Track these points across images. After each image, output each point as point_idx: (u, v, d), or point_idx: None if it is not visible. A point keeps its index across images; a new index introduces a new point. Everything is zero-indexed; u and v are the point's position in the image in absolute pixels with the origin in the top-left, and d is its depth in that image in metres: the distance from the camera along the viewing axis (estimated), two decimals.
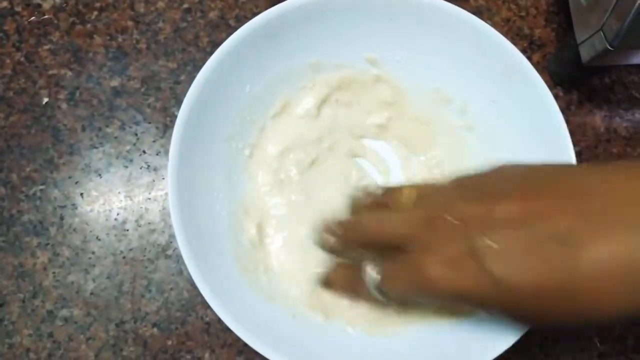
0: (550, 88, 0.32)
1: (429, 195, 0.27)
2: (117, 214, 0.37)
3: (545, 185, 0.24)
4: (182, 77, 0.39)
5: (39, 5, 0.40)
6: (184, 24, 0.40)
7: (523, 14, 0.42)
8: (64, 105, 0.39)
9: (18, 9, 0.40)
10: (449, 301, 0.25)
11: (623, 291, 0.21)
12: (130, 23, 0.40)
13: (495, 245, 0.22)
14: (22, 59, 0.39)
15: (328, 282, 0.31)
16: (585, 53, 0.35)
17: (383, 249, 0.27)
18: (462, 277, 0.23)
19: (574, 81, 0.40)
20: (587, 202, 0.22)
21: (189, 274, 0.35)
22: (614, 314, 0.22)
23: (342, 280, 0.31)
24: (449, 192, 0.26)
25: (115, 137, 0.38)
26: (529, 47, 0.41)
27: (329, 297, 0.32)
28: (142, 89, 0.39)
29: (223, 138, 0.33)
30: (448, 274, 0.23)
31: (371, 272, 0.27)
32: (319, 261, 0.33)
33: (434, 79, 0.35)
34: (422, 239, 0.25)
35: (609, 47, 0.32)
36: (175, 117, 0.38)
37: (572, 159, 0.31)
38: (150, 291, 0.36)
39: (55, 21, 0.40)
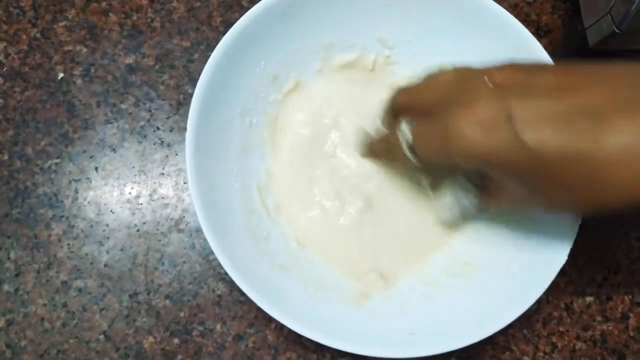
0: None
1: (465, 68, 0.27)
2: (131, 188, 0.38)
3: (582, 68, 0.24)
4: (196, 56, 0.40)
5: None
6: (198, 4, 0.41)
7: (530, 0, 0.43)
8: (79, 81, 0.39)
9: None
10: (474, 163, 0.24)
11: (632, 178, 0.22)
12: (144, 2, 0.41)
13: (530, 112, 0.23)
14: (38, 35, 0.40)
15: (369, 150, 0.34)
16: (593, 37, 0.36)
17: (421, 113, 0.28)
18: (492, 138, 0.23)
19: None
20: (619, 87, 0.23)
21: (201, 247, 0.37)
22: (626, 195, 0.22)
23: (381, 146, 0.33)
24: (484, 67, 0.26)
25: (130, 113, 0.39)
26: (536, 33, 0.42)
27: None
28: (156, 67, 0.40)
29: (237, 113, 0.34)
30: (478, 132, 0.23)
31: (405, 130, 0.28)
32: (335, 236, 0.34)
33: (444, 60, 0.36)
34: (457, 97, 0.25)
35: (617, 30, 0.33)
36: (189, 94, 0.39)
37: None
38: (163, 264, 0.36)
39: None
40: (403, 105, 0.29)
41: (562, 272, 0.30)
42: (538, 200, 0.26)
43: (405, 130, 0.29)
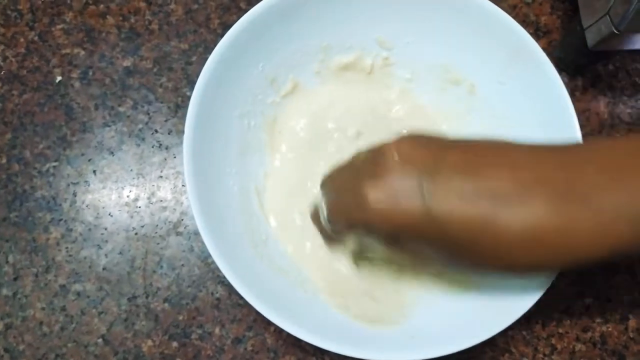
0: None
1: (380, 143, 0.28)
2: (129, 191, 0.37)
3: (489, 149, 0.27)
4: (194, 58, 0.40)
5: None
6: (196, 6, 0.41)
7: (529, 1, 0.43)
8: (77, 84, 0.39)
9: None
10: (384, 232, 0.26)
11: (529, 252, 0.25)
12: (142, 4, 0.41)
13: (439, 187, 0.25)
14: (36, 38, 0.40)
15: (311, 216, 0.34)
16: (591, 38, 0.36)
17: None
18: (402, 208, 0.25)
19: (579, 68, 0.41)
20: (521, 170, 0.25)
21: (199, 250, 0.36)
22: (527, 266, 0.26)
23: (314, 216, 0.33)
24: (396, 141, 0.27)
25: (128, 116, 0.39)
26: (534, 33, 0.42)
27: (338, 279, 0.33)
28: (154, 69, 0.40)
29: (235, 115, 0.34)
30: (388, 201, 0.25)
31: (324, 206, 0.29)
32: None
33: (443, 61, 0.36)
34: (369, 170, 0.26)
35: (615, 31, 0.33)
36: (187, 97, 0.39)
37: (578, 139, 0.31)
38: (161, 267, 0.36)
39: (69, 1, 0.41)
40: (329, 181, 0.30)
41: (562, 274, 0.30)
42: (455, 264, 0.28)
43: (324, 206, 0.30)
